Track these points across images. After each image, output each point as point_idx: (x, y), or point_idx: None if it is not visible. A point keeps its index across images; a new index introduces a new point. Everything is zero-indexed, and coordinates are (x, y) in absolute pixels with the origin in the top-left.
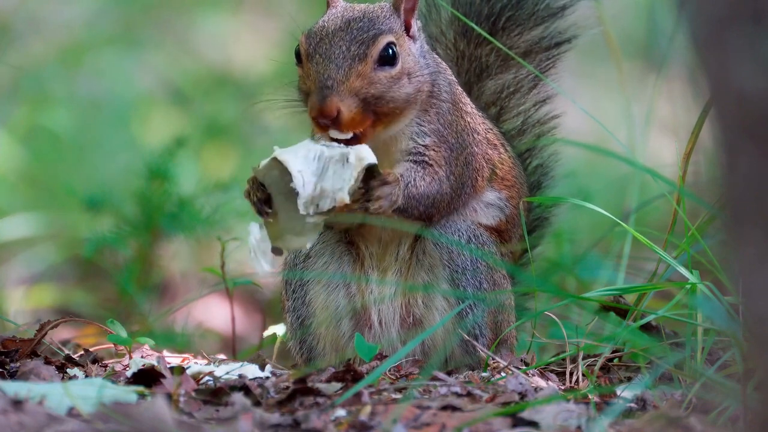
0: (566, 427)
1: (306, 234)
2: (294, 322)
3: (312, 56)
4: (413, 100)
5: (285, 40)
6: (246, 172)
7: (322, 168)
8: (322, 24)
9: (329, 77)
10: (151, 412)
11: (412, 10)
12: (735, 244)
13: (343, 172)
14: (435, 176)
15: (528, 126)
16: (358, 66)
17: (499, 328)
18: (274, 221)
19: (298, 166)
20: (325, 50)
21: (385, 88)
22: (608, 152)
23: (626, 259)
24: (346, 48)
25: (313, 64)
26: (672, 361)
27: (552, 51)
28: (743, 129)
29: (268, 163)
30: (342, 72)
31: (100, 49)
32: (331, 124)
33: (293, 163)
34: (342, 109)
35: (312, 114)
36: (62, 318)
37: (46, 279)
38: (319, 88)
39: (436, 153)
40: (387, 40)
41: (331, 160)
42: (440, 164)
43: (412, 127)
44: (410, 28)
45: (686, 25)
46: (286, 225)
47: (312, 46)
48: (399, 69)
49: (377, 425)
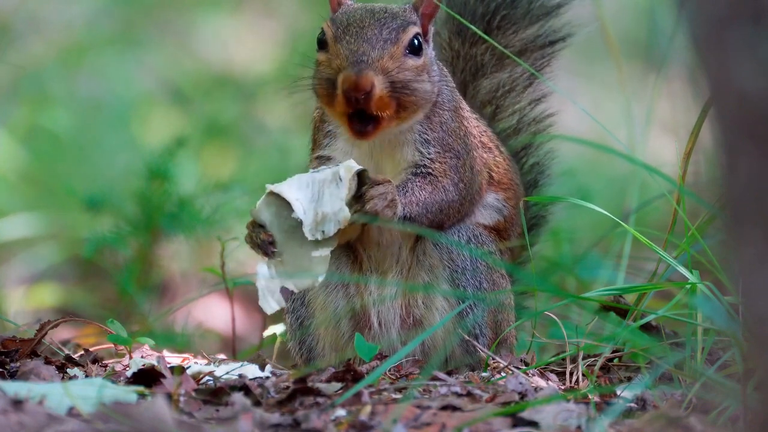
0: (566, 427)
1: (315, 269)
2: (293, 323)
3: (341, 38)
4: (429, 98)
5: (285, 40)
6: (246, 172)
7: (318, 193)
8: (345, 12)
9: (364, 53)
10: (151, 412)
11: (431, 16)
12: (735, 244)
13: (339, 192)
14: (438, 185)
15: (523, 125)
16: (391, 48)
17: (499, 328)
18: (280, 260)
19: (294, 195)
20: (356, 32)
21: (412, 76)
22: (607, 148)
23: (626, 259)
24: (378, 31)
25: (343, 45)
26: (672, 361)
27: (547, 49)
28: (743, 129)
29: (264, 199)
30: (376, 51)
31: (100, 49)
32: (362, 100)
33: (289, 193)
34: (376, 84)
35: (345, 86)
36: (62, 318)
37: (46, 279)
38: (354, 62)
39: (441, 164)
40: (415, 30)
41: (324, 182)
42: (446, 174)
43: (415, 134)
44: (427, 33)
45: (686, 25)
46: (292, 262)
47: (340, 30)
48: (422, 62)
49: (377, 425)
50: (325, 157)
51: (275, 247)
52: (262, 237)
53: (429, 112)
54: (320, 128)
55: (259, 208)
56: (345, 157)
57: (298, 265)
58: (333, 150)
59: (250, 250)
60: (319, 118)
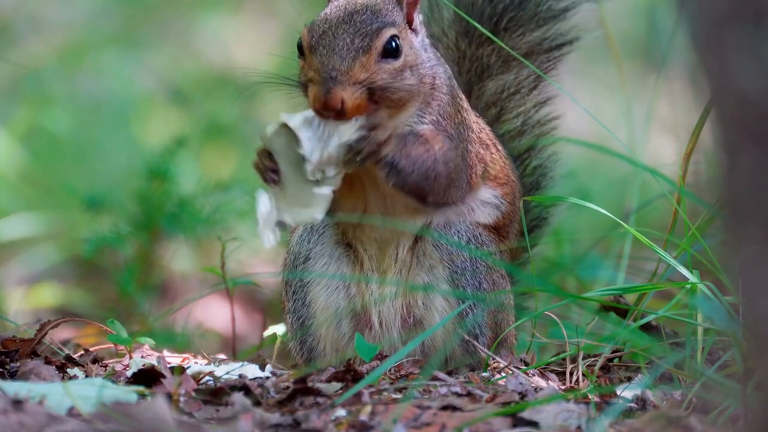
0: (566, 427)
1: (315, 206)
2: (294, 323)
3: (315, 48)
4: (416, 91)
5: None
6: (246, 172)
7: (327, 134)
8: (324, 16)
9: (333, 68)
10: (151, 411)
11: (415, 3)
12: (735, 243)
13: (343, 134)
14: (430, 150)
15: (528, 127)
16: (362, 58)
17: (499, 328)
18: (282, 191)
19: (306, 133)
20: (329, 42)
21: (389, 79)
22: (607, 150)
23: (626, 259)
24: (350, 40)
25: (316, 56)
26: (672, 361)
27: (553, 53)
28: (743, 129)
29: (276, 128)
30: (346, 64)
31: (100, 49)
32: (335, 116)
33: (301, 129)
34: (346, 99)
35: (316, 106)
36: (62, 318)
37: (47, 279)
38: (323, 79)
39: (432, 133)
40: (390, 33)
41: (333, 124)
42: (436, 141)
43: (413, 118)
44: (412, 21)
45: (686, 25)
46: (294, 196)
47: (315, 39)
48: (402, 62)
49: (377, 425)
50: None
51: (277, 177)
52: (266, 163)
53: (428, 96)
54: None
55: (270, 135)
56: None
57: (299, 200)
58: None
59: (252, 248)
60: None
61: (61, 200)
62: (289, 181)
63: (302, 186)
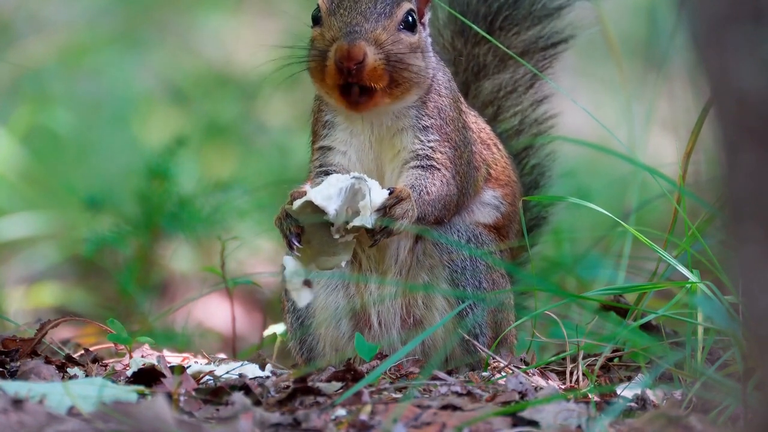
0: (566, 426)
1: (341, 253)
2: (294, 322)
3: (335, 11)
4: (423, 76)
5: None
6: (246, 172)
7: (349, 200)
8: None
9: (357, 24)
10: (151, 411)
11: (427, 1)
12: (735, 242)
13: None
14: (443, 179)
15: (525, 126)
16: (385, 21)
17: (499, 327)
18: (305, 249)
19: (333, 205)
20: (350, 5)
21: (406, 50)
22: (607, 149)
23: (626, 259)
24: (373, 4)
25: (337, 17)
26: (672, 360)
27: (549, 51)
28: (743, 128)
29: (303, 203)
30: (370, 23)
31: (100, 49)
32: (355, 70)
33: (328, 204)
34: (368, 54)
35: (338, 55)
36: (62, 317)
37: (47, 278)
38: (347, 32)
39: (442, 155)
40: (409, 6)
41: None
42: (446, 166)
43: (411, 119)
44: (423, 15)
45: (686, 25)
46: (319, 250)
47: (335, 4)
48: (417, 39)
49: (377, 424)
50: (326, 147)
51: (300, 243)
52: (292, 229)
53: (424, 96)
54: (318, 119)
55: (297, 209)
56: (344, 147)
57: (325, 251)
58: (332, 140)
59: (252, 247)
60: (317, 109)
61: (61, 200)
62: (313, 239)
63: (327, 240)
